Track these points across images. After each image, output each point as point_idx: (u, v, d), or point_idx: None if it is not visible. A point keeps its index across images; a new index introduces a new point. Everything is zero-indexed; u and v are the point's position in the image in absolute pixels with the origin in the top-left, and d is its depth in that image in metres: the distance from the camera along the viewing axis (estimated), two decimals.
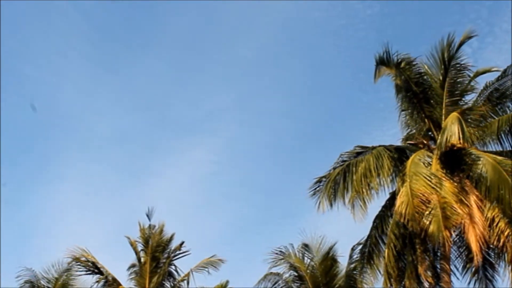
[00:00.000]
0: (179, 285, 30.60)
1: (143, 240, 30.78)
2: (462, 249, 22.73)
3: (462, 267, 22.93)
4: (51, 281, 31.46)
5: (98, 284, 29.69)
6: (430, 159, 21.80)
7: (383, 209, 23.18)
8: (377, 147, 22.64)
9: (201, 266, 30.55)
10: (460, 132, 20.63)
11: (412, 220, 20.08)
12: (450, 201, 20.44)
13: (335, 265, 28.91)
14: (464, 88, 23.08)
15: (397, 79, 22.65)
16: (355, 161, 22.53)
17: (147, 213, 30.85)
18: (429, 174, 20.76)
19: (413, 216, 20.03)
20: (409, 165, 21.07)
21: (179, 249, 30.75)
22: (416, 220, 20.05)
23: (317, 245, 28.89)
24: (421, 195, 20.19)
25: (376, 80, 22.94)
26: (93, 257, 29.56)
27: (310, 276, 28.73)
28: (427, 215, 20.14)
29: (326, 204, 22.53)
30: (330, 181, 22.63)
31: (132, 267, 30.81)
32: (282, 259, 28.91)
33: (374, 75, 22.92)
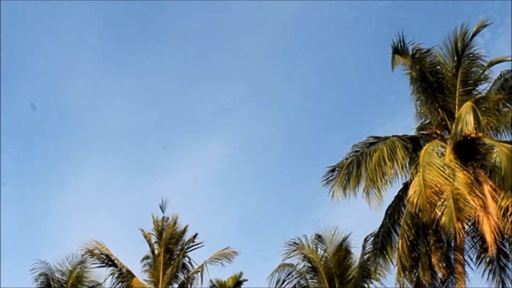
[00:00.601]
0: (193, 277, 30.64)
1: (157, 232, 30.82)
2: (476, 240, 22.64)
3: (476, 257, 22.88)
4: (65, 273, 31.63)
5: (112, 276, 29.80)
6: (443, 149, 21.71)
7: (396, 199, 23.11)
8: (390, 137, 22.57)
9: (215, 258, 30.57)
10: (474, 121, 20.52)
11: (424, 210, 20.03)
12: (463, 192, 20.35)
13: (349, 256, 28.87)
14: (478, 78, 22.92)
15: (412, 68, 22.52)
16: (368, 150, 22.46)
17: (161, 205, 30.93)
18: (443, 165, 20.66)
19: (425, 207, 19.98)
20: (423, 155, 20.98)
21: (192, 241, 30.77)
22: (427, 210, 20.01)
23: (330, 236, 28.84)
24: (433, 185, 20.12)
25: (393, 69, 22.86)
26: (107, 249, 29.66)
27: (323, 267, 28.69)
28: (439, 206, 20.09)
29: (339, 193, 22.48)
30: (343, 170, 22.58)
31: (146, 259, 30.87)
32: (295, 250, 28.87)
33: (391, 64, 22.81)
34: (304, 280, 29.00)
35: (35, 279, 31.31)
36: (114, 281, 29.71)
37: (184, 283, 30.60)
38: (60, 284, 31.45)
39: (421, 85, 22.74)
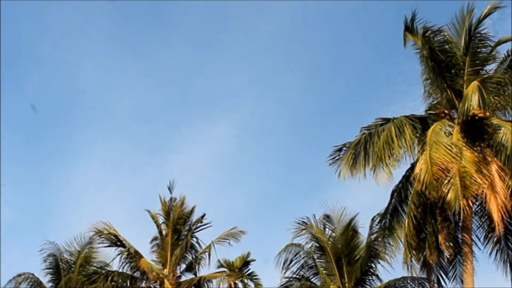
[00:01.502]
0: (201, 257, 30.77)
1: (164, 213, 30.93)
2: (483, 219, 22.63)
3: (483, 237, 22.88)
4: (74, 254, 31.88)
5: (120, 256, 29.92)
6: (451, 128, 21.66)
7: (403, 179, 23.07)
8: (399, 117, 22.50)
9: (223, 238, 30.69)
10: (480, 100, 20.43)
11: (430, 187, 20.02)
12: (470, 170, 20.34)
13: (356, 236, 28.90)
14: (486, 58, 22.75)
15: (423, 47, 22.37)
16: (376, 130, 22.39)
17: (169, 186, 31.05)
18: (450, 143, 20.64)
19: (431, 184, 19.97)
20: (430, 134, 20.93)
21: (200, 222, 30.89)
22: (434, 187, 19.99)
23: (338, 216, 28.88)
24: (440, 163, 20.11)
25: (405, 45, 22.73)
26: (115, 230, 29.79)
27: (331, 247, 28.72)
28: (446, 183, 20.05)
29: (346, 172, 22.43)
30: (350, 149, 22.54)
31: (154, 240, 31.05)
32: (303, 229, 28.92)
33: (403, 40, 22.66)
34: (311, 259, 29.06)
35: (44, 260, 31.64)
36: (122, 262, 29.88)
37: (192, 263, 30.75)
38: (68, 265, 31.70)
39: (431, 63, 22.60)
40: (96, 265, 31.24)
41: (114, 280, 29.27)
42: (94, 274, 29.77)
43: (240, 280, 32.47)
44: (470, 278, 21.35)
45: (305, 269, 29.27)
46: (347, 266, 28.44)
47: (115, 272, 29.66)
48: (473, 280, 21.40)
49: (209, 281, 30.41)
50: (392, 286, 27.86)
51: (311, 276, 29.16)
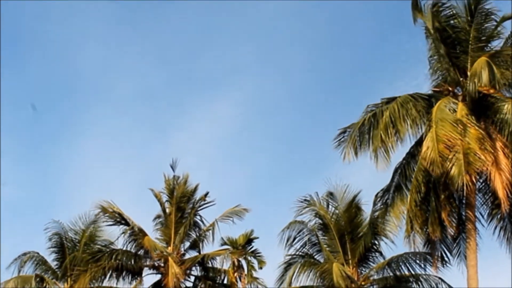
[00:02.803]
0: (205, 235, 30.84)
1: (168, 191, 30.95)
2: (487, 196, 22.69)
3: (487, 214, 22.95)
4: (78, 232, 31.99)
5: (124, 235, 30.02)
6: (455, 105, 21.66)
7: (407, 156, 23.12)
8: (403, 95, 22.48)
9: (226, 216, 30.71)
10: (489, 76, 20.37)
11: (436, 164, 20.06)
12: (474, 147, 20.38)
13: (359, 213, 28.93)
14: (490, 34, 22.66)
15: (429, 22, 22.27)
16: (380, 109, 22.39)
17: (171, 165, 31.02)
18: (455, 120, 20.67)
19: (437, 161, 20.03)
20: (435, 111, 20.95)
21: (203, 200, 30.88)
22: (439, 164, 20.06)
23: (341, 193, 28.88)
24: (446, 140, 20.16)
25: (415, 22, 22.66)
26: (119, 208, 29.80)
27: (334, 224, 28.77)
28: (450, 159, 20.10)
29: (351, 154, 22.48)
30: (355, 131, 22.56)
31: (158, 218, 31.08)
32: (307, 207, 28.94)
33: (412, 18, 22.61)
34: (315, 237, 29.07)
35: (49, 239, 31.75)
36: (127, 240, 29.94)
37: (195, 241, 30.83)
38: (73, 243, 31.82)
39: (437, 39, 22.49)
40: (100, 244, 31.26)
41: (118, 258, 29.37)
42: (98, 252, 29.83)
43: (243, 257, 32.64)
44: (474, 254, 21.49)
45: (308, 246, 29.28)
46: (351, 243, 28.48)
47: (120, 250, 29.72)
48: (476, 256, 21.54)
49: (213, 258, 30.49)
50: (395, 262, 27.93)
51: (314, 253, 29.20)
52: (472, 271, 21.37)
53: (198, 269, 30.81)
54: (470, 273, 21.40)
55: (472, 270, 21.36)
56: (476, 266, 21.40)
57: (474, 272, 21.33)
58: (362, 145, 22.43)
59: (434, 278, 27.39)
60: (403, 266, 27.77)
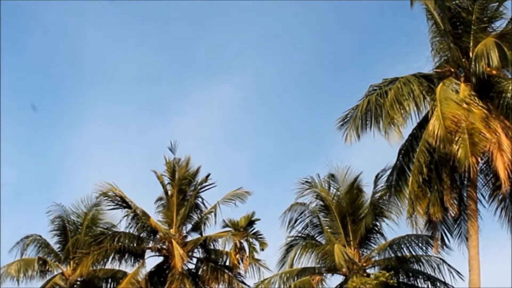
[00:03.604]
0: (206, 217, 30.88)
1: (169, 174, 30.94)
2: (489, 177, 22.72)
3: (488, 195, 22.99)
4: (81, 216, 32.08)
5: (126, 218, 30.06)
6: (457, 86, 21.72)
7: (410, 137, 23.12)
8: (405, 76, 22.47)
9: (228, 198, 30.74)
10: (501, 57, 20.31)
11: (445, 141, 20.11)
12: (478, 126, 20.44)
13: (361, 195, 29.01)
14: (493, 15, 22.60)
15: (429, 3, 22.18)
16: (383, 90, 22.38)
17: (170, 147, 30.95)
18: (459, 100, 20.73)
19: (445, 137, 20.09)
20: (439, 91, 21.00)
21: (205, 182, 30.90)
22: (448, 141, 20.10)
23: (343, 175, 28.96)
24: (452, 117, 20.24)
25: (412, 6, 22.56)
26: (121, 191, 29.78)
27: (336, 205, 28.86)
28: (456, 140, 20.12)
29: (353, 136, 22.51)
30: (357, 113, 22.57)
31: (160, 200, 31.08)
32: (308, 189, 29.03)
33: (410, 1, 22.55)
34: (316, 218, 29.18)
35: (51, 222, 31.85)
36: (129, 223, 30.02)
37: (197, 223, 30.89)
38: (75, 226, 31.92)
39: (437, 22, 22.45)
40: (102, 226, 31.46)
41: (121, 241, 29.46)
42: (101, 235, 29.92)
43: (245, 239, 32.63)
44: (475, 235, 21.51)
45: (310, 228, 29.42)
46: (352, 225, 28.57)
47: (122, 233, 29.77)
48: (478, 237, 21.57)
49: (215, 240, 30.57)
50: (396, 244, 28.06)
51: (316, 235, 29.34)
52: (473, 251, 21.40)
53: (200, 251, 30.91)
54: (472, 253, 21.44)
55: (474, 250, 21.40)
56: (477, 246, 21.43)
57: (476, 253, 21.37)
58: (365, 126, 22.44)
59: (435, 259, 27.56)
60: (405, 247, 27.92)
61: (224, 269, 30.55)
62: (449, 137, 20.07)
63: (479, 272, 21.16)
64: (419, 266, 28.00)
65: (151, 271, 30.19)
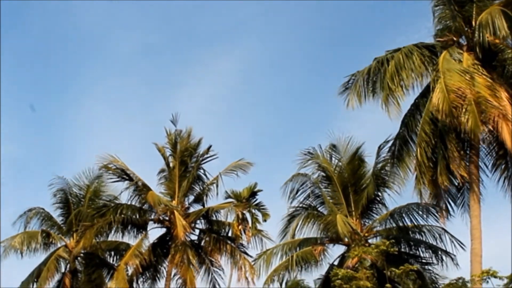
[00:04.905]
0: (208, 188, 30.92)
1: (171, 146, 30.93)
2: (491, 146, 22.66)
3: (491, 164, 22.95)
4: (83, 188, 32.12)
5: (128, 190, 30.12)
6: (460, 55, 21.56)
7: (412, 107, 23.06)
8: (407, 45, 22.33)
9: (230, 169, 30.75)
10: (508, 25, 20.13)
11: (450, 115, 20.05)
12: (485, 95, 20.34)
13: (363, 165, 28.92)
14: None
15: None
16: (384, 58, 22.25)
17: (171, 119, 30.94)
18: (462, 70, 20.60)
19: (450, 111, 20.00)
20: (441, 62, 20.86)
21: (206, 153, 30.90)
22: (453, 115, 20.02)
23: (344, 146, 28.86)
24: (456, 90, 20.09)
25: None
26: (123, 163, 29.85)
27: (337, 176, 28.77)
28: (463, 112, 20.04)
29: (355, 101, 22.43)
30: (360, 78, 22.49)
31: (162, 172, 31.13)
32: (310, 160, 28.94)
33: None
34: (318, 189, 29.09)
35: (54, 195, 31.89)
36: (131, 195, 30.08)
37: (200, 195, 30.95)
38: (78, 199, 31.98)
39: None
40: (105, 199, 31.42)
41: (123, 213, 29.59)
42: (103, 207, 29.99)
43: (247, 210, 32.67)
44: (477, 205, 21.46)
45: (311, 199, 29.31)
46: (354, 195, 28.53)
47: (124, 205, 29.90)
48: (479, 206, 21.50)
49: (217, 211, 30.67)
50: (397, 213, 27.97)
51: (317, 205, 29.28)
52: (475, 221, 21.35)
53: (203, 222, 31.02)
54: (473, 223, 21.37)
55: (476, 220, 21.34)
56: (479, 216, 21.37)
57: (477, 222, 21.31)
58: (367, 93, 22.37)
59: (437, 228, 27.52)
60: (406, 217, 27.84)
61: (226, 240, 30.66)
62: (454, 111, 19.97)
63: (481, 242, 21.05)
64: (421, 236, 27.95)
65: (154, 242, 30.32)
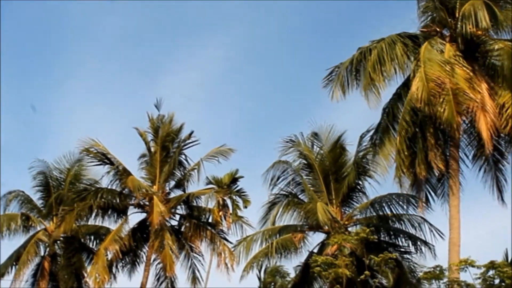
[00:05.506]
0: (190, 174, 30.84)
1: (153, 130, 30.81)
2: (472, 137, 22.86)
3: (472, 155, 23.15)
4: (63, 171, 32.01)
5: (109, 174, 30.03)
6: (442, 46, 21.66)
7: (395, 97, 23.14)
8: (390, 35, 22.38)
9: (211, 155, 30.65)
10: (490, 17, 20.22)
11: (428, 104, 20.13)
12: (463, 86, 20.46)
13: (344, 154, 28.85)
14: None
15: None
16: (367, 48, 22.27)
17: (155, 104, 30.84)
18: (443, 60, 20.68)
19: (429, 100, 20.09)
20: (423, 51, 20.94)
21: (188, 139, 30.81)
22: (432, 103, 20.11)
23: (326, 134, 28.71)
24: (435, 79, 20.19)
25: None
26: (104, 147, 29.68)
27: (318, 164, 28.69)
28: (441, 102, 20.10)
29: (339, 93, 22.47)
30: (343, 70, 22.48)
31: (143, 157, 31.00)
32: (291, 147, 28.87)
33: None
34: (299, 177, 29.01)
35: (34, 178, 31.74)
36: (111, 179, 29.97)
37: (181, 180, 30.87)
38: (58, 182, 31.85)
39: None
40: (85, 183, 31.25)
41: (104, 197, 29.46)
42: (83, 191, 29.82)
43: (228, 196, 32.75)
44: (457, 194, 21.63)
45: (292, 186, 29.19)
46: (335, 183, 28.45)
47: (105, 189, 29.76)
48: (459, 197, 21.68)
49: (198, 197, 30.59)
50: (378, 203, 28.02)
51: (298, 193, 29.19)
52: (454, 210, 21.49)
53: (183, 207, 30.95)
54: (452, 213, 21.52)
55: (454, 210, 21.49)
56: (458, 206, 21.53)
57: (456, 212, 21.46)
58: (350, 84, 22.42)
59: (417, 218, 27.61)
60: (386, 206, 27.91)
61: (206, 226, 30.63)
62: (432, 100, 20.06)
63: (459, 231, 21.24)
64: (401, 225, 28.00)
65: (134, 227, 30.22)
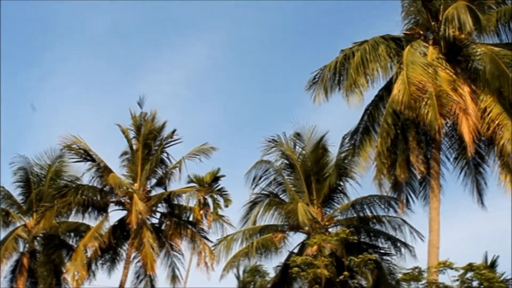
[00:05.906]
0: (171, 172, 30.78)
1: (135, 128, 30.75)
2: (453, 140, 22.98)
3: (453, 158, 23.27)
4: (44, 167, 31.83)
5: (90, 171, 29.86)
6: (426, 49, 21.72)
7: (377, 98, 23.21)
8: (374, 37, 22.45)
9: (193, 154, 30.59)
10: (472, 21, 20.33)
11: (409, 107, 20.18)
12: (446, 89, 20.53)
13: (326, 154, 28.93)
14: None
15: None
16: (351, 50, 22.33)
17: (138, 101, 30.77)
18: (426, 63, 20.74)
19: (409, 104, 20.13)
20: (406, 54, 20.98)
21: (171, 137, 30.78)
22: (412, 107, 20.16)
23: (309, 134, 28.75)
24: (417, 82, 20.24)
25: None
26: (86, 144, 29.53)
27: (300, 164, 28.75)
28: (424, 105, 20.19)
29: (321, 96, 22.52)
30: (326, 73, 22.53)
31: (124, 154, 30.91)
32: (274, 147, 28.88)
33: None
34: (281, 177, 29.02)
35: (14, 173, 31.56)
36: (93, 176, 29.84)
37: (162, 178, 30.80)
38: (39, 178, 31.68)
39: None
40: (66, 179, 31.07)
41: (84, 194, 29.33)
42: (64, 187, 29.69)
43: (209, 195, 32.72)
44: (437, 197, 21.72)
45: (274, 186, 29.19)
46: (316, 184, 28.51)
47: (86, 186, 29.63)
48: (439, 199, 21.78)
49: (179, 195, 30.58)
50: (359, 204, 28.09)
51: (280, 193, 29.19)
52: (434, 213, 21.56)
53: (164, 206, 30.90)
54: (432, 215, 21.58)
55: (434, 212, 21.56)
56: (438, 208, 21.60)
57: (436, 214, 21.53)
58: (333, 86, 22.45)
59: (397, 220, 27.74)
60: (367, 208, 27.99)
61: (187, 224, 30.62)
62: (413, 104, 20.14)
63: (439, 234, 21.29)
64: (381, 226, 28.08)
65: (114, 224, 30.13)
